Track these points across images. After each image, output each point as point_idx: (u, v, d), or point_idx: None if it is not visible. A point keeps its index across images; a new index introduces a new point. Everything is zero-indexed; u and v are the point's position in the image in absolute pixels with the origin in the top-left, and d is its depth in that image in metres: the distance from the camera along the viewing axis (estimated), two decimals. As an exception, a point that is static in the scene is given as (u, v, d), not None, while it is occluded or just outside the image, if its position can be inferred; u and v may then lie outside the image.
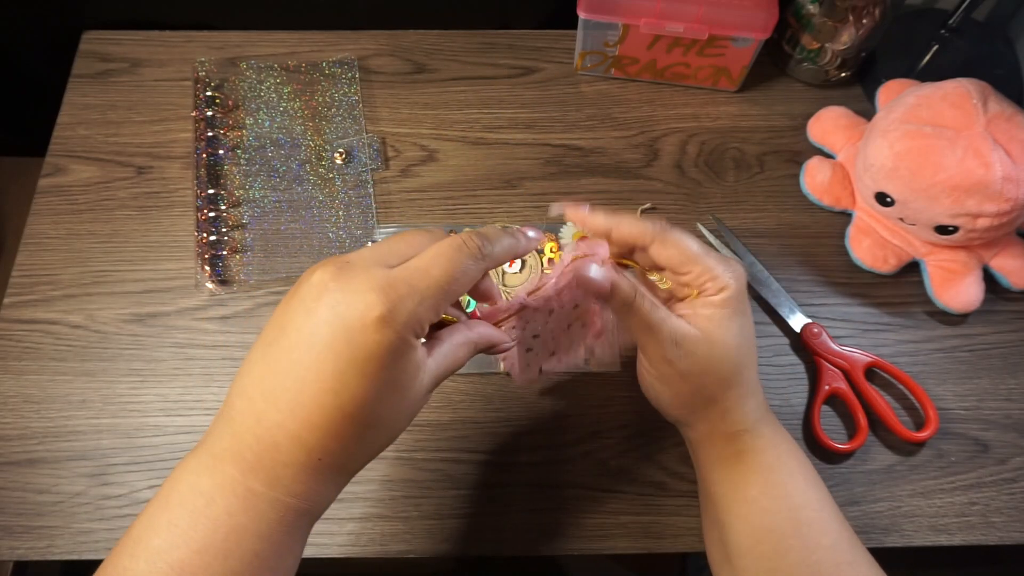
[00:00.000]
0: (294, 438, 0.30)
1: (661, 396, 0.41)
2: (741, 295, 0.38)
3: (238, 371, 0.32)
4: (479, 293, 0.37)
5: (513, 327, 0.42)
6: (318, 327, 0.29)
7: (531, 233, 0.38)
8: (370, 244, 0.36)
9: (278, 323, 0.31)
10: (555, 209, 0.41)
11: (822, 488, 0.40)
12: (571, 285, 0.38)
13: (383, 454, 0.49)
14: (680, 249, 0.38)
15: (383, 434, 0.32)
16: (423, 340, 0.32)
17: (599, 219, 0.40)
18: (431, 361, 0.32)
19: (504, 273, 0.55)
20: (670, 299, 0.41)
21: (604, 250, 0.39)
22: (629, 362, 0.53)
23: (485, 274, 0.35)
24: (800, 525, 0.38)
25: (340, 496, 0.48)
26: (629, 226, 0.39)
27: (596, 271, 0.37)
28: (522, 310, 0.38)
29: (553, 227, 0.57)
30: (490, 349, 0.37)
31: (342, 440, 0.30)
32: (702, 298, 0.38)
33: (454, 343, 0.34)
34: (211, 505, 0.29)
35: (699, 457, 0.42)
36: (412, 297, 0.30)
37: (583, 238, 0.54)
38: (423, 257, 0.31)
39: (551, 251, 0.56)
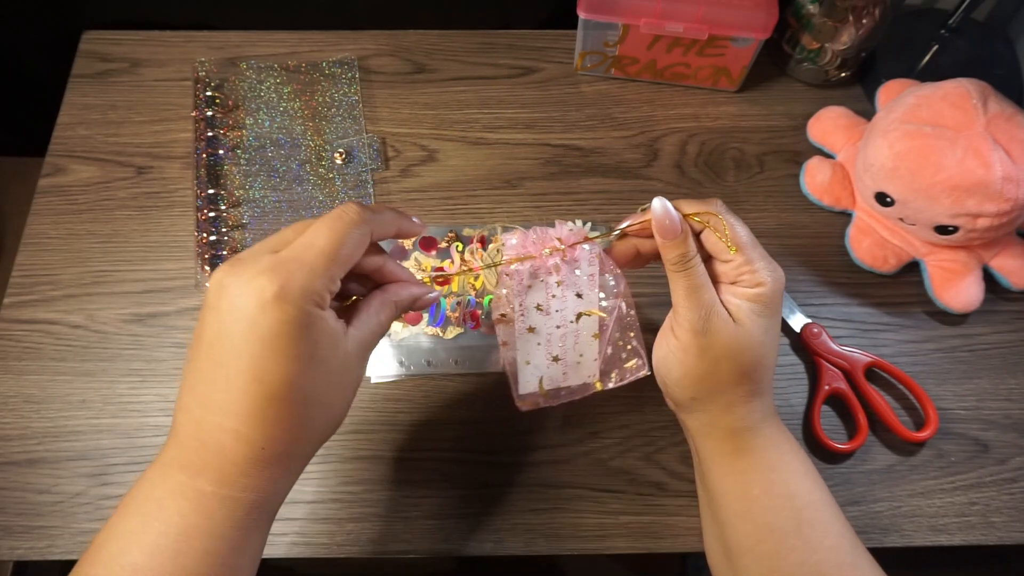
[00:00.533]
0: (234, 434, 0.31)
1: (672, 370, 0.40)
2: (775, 296, 0.38)
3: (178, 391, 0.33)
4: (383, 274, 0.38)
5: (504, 342, 0.42)
6: (225, 324, 0.30)
7: (415, 219, 0.39)
8: None
9: (197, 333, 0.32)
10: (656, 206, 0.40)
11: (824, 489, 0.39)
12: (571, 258, 0.39)
13: (384, 454, 0.49)
14: (731, 235, 0.38)
15: (323, 411, 0.33)
16: (334, 312, 0.33)
17: (671, 211, 0.38)
18: (353, 330, 0.34)
19: None
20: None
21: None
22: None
23: (380, 252, 0.37)
24: (802, 525, 0.38)
25: (340, 496, 0.48)
26: (688, 207, 0.39)
27: (672, 211, 0.38)
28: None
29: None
30: (415, 304, 0.38)
31: (281, 425, 0.31)
32: (737, 287, 0.38)
33: (371, 307, 0.35)
34: (162, 509, 0.31)
35: (699, 449, 0.42)
36: (301, 270, 0.31)
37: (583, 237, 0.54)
38: (307, 234, 0.33)
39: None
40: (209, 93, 0.62)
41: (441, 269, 0.55)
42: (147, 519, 0.31)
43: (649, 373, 0.43)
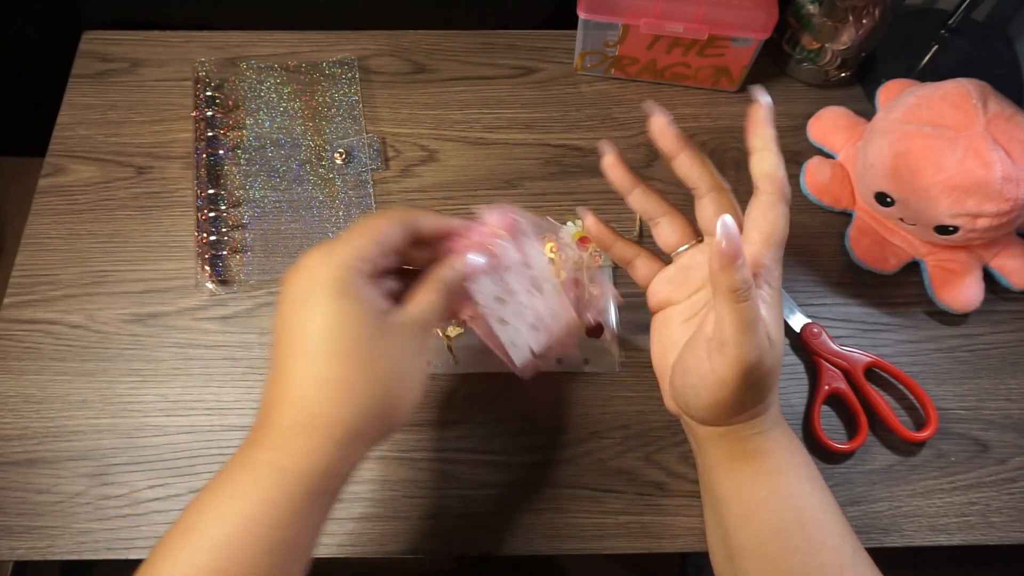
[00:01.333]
0: (283, 399, 0.33)
1: (702, 398, 0.37)
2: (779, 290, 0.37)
3: None
4: (437, 234, 0.39)
5: (486, 337, 0.42)
6: (287, 309, 0.34)
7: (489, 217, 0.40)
8: None
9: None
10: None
11: (826, 490, 0.39)
12: (518, 241, 0.40)
13: (384, 454, 0.49)
14: (768, 225, 0.37)
15: (369, 382, 0.33)
16: (383, 290, 0.36)
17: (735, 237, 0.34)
18: (410, 306, 0.36)
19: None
20: None
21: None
22: (628, 363, 0.53)
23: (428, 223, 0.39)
24: (805, 526, 0.38)
25: (340, 496, 0.48)
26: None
27: (739, 239, 0.33)
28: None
29: (553, 227, 0.57)
30: (461, 275, 0.38)
31: (321, 385, 0.33)
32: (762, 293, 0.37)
33: (422, 287, 0.37)
34: (231, 481, 0.33)
35: (704, 454, 0.41)
36: (346, 244, 0.34)
37: (584, 239, 0.54)
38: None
39: (551, 251, 0.56)
40: (209, 93, 0.62)
41: None
42: (220, 489, 0.33)
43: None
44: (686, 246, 0.42)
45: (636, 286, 0.48)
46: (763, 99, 0.37)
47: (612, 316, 0.53)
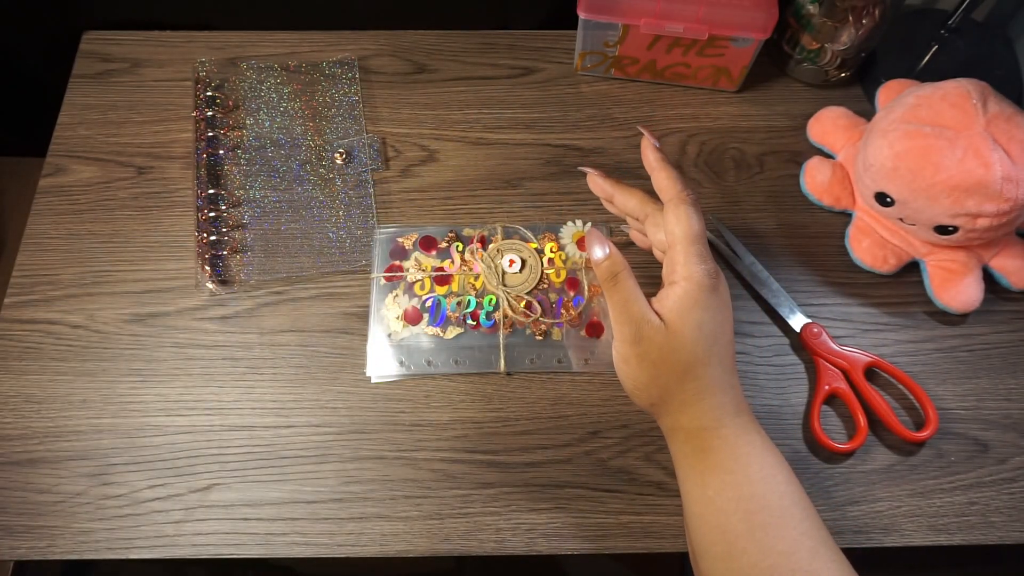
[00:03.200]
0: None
1: (625, 381, 0.42)
2: (698, 291, 0.39)
3: None
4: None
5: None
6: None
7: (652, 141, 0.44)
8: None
9: None
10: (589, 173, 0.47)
11: (791, 493, 0.39)
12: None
13: (384, 454, 0.49)
14: (667, 232, 0.40)
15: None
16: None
17: (603, 184, 0.46)
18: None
19: (504, 273, 0.55)
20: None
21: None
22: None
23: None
24: (755, 528, 0.37)
25: (340, 496, 0.48)
26: (626, 197, 0.44)
27: (599, 236, 0.43)
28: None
29: (553, 227, 0.57)
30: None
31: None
32: (668, 287, 0.40)
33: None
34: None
35: (671, 451, 0.43)
36: None
37: (584, 236, 0.55)
38: None
39: (551, 251, 0.56)
40: (209, 93, 0.62)
41: (441, 269, 0.55)
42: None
43: None
44: None
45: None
46: (647, 137, 0.44)
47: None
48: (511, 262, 0.55)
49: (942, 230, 0.51)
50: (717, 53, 0.60)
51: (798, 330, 0.53)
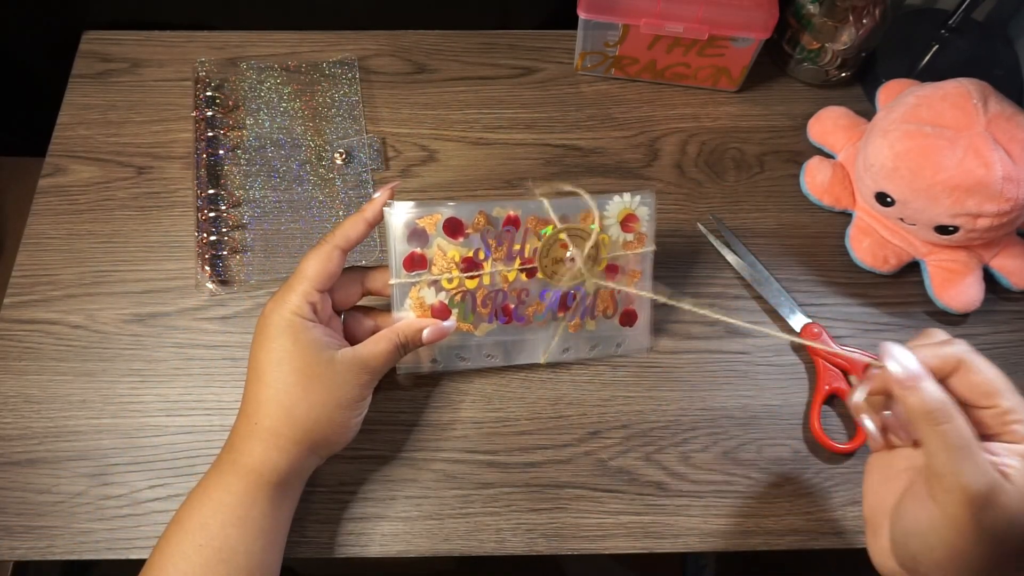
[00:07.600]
0: (241, 412, 0.42)
1: (935, 550, 0.32)
2: None
3: None
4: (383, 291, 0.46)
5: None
6: (254, 344, 0.43)
7: (375, 194, 0.45)
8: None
9: None
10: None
11: None
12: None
13: (384, 454, 0.49)
14: (985, 379, 0.34)
15: (307, 407, 0.41)
16: (328, 329, 0.43)
17: (907, 358, 0.34)
18: (361, 347, 0.43)
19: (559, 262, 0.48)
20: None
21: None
22: (629, 363, 0.53)
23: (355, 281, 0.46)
24: None
25: (340, 496, 0.48)
26: (930, 356, 0.34)
27: (903, 353, 0.33)
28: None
29: (602, 202, 0.48)
30: (417, 338, 0.45)
31: (265, 403, 0.41)
32: (1004, 443, 0.33)
33: (381, 334, 0.44)
34: (206, 479, 0.41)
35: None
36: (291, 291, 0.42)
37: (630, 215, 0.49)
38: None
39: (595, 233, 0.47)
40: (209, 93, 0.62)
41: (469, 260, 0.46)
42: (197, 489, 0.41)
43: None
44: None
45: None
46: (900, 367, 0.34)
47: (647, 302, 0.51)
48: (571, 259, 0.47)
49: (942, 230, 0.51)
50: (717, 53, 0.60)
51: (798, 330, 0.53)
